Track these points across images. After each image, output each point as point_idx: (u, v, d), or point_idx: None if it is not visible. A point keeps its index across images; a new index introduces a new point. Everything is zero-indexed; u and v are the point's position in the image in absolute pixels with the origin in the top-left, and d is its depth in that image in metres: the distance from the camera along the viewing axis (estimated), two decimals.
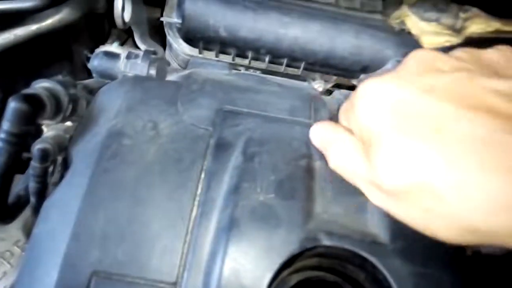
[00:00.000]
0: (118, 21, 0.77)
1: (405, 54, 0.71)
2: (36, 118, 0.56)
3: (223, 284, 0.47)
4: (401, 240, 0.50)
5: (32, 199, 0.65)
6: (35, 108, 0.54)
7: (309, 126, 0.59)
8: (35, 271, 0.50)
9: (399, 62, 0.77)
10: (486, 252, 0.54)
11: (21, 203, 0.66)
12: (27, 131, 0.55)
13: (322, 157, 0.56)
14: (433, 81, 0.41)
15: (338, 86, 0.90)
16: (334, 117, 0.63)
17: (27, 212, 0.69)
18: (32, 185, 0.62)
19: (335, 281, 0.53)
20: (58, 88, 0.59)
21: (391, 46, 0.78)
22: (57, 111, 0.59)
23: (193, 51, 0.87)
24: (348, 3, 0.90)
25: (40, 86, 0.57)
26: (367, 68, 0.79)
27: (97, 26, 1.21)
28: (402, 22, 0.76)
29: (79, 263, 0.48)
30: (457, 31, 0.69)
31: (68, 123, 0.66)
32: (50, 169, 0.64)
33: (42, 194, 0.65)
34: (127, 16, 0.77)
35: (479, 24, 0.69)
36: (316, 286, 0.54)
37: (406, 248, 0.50)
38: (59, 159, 0.63)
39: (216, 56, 0.85)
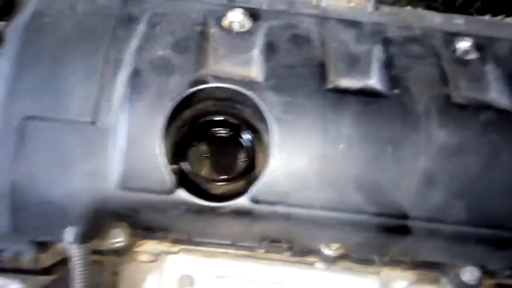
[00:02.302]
0: None
1: None
2: None
3: (130, 119, 0.60)
4: (273, 78, 0.62)
5: None
6: None
7: (207, 3, 0.69)
8: None
9: None
10: None
11: None
12: None
13: (217, 25, 0.68)
14: None
15: None
16: None
17: None
18: None
19: (226, 119, 0.65)
20: None
21: None
22: None
23: None
24: None
25: None
26: None
27: None
28: None
29: (13, 110, 0.60)
30: None
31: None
32: None
33: None
34: None
35: None
36: (214, 125, 0.67)
37: (277, 84, 0.62)
38: None
39: None
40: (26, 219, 0.59)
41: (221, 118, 0.67)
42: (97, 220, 0.60)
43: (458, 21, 0.80)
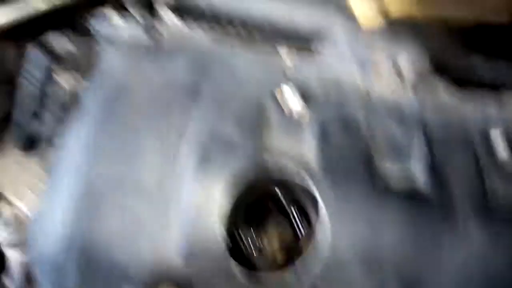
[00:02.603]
0: None
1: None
2: (53, 68, 0.72)
3: (193, 191, 0.65)
4: (324, 163, 0.69)
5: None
6: (53, 59, 0.71)
7: (266, 85, 0.76)
8: (58, 181, 0.68)
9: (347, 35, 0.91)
10: None
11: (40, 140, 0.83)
12: (47, 76, 0.72)
13: (273, 102, 0.73)
14: None
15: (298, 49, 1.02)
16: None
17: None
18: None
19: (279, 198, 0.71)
20: (70, 44, 0.75)
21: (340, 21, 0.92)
22: (70, 64, 0.76)
23: (177, 20, 1.02)
24: None
25: (57, 41, 0.74)
26: (321, 38, 0.93)
27: None
28: None
29: (89, 174, 0.67)
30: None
31: (79, 78, 0.82)
32: None
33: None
34: None
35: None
36: (266, 203, 0.72)
37: (327, 169, 0.68)
38: None
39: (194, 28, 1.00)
40: (91, 278, 0.65)
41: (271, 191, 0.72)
42: (155, 284, 0.65)
43: (491, 110, 0.83)
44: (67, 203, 0.66)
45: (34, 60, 0.70)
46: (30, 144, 0.81)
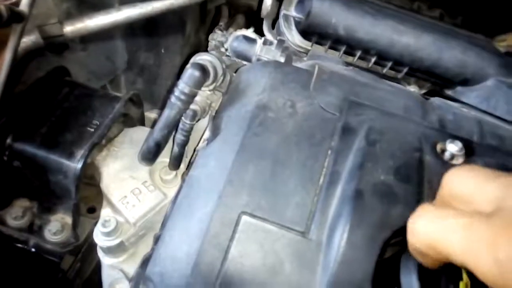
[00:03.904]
0: (264, 12, 0.88)
1: (505, 75, 0.79)
2: (202, 84, 0.68)
3: (343, 242, 0.58)
4: None
5: (176, 149, 0.79)
6: (203, 76, 0.67)
7: (420, 124, 0.69)
8: (194, 203, 0.63)
9: (499, 81, 0.84)
10: None
11: (159, 150, 0.80)
12: (194, 93, 0.68)
13: (431, 152, 0.66)
14: None
15: (431, 93, 0.97)
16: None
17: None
18: (179, 137, 0.76)
19: None
20: (217, 62, 0.71)
21: (494, 65, 0.85)
22: (213, 80, 0.72)
23: (303, 44, 0.97)
24: (451, 20, 0.98)
25: (206, 58, 0.70)
26: (467, 82, 0.87)
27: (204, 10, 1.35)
28: (509, 46, 0.83)
29: (231, 202, 0.61)
30: None
31: (210, 92, 0.78)
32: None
33: (184, 146, 0.78)
34: (267, 9, 0.89)
35: None
36: None
37: None
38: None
39: (325, 51, 0.96)
40: None
41: None
42: None
43: None
44: (199, 229, 0.61)
45: (188, 76, 0.66)
46: (154, 158, 0.78)
